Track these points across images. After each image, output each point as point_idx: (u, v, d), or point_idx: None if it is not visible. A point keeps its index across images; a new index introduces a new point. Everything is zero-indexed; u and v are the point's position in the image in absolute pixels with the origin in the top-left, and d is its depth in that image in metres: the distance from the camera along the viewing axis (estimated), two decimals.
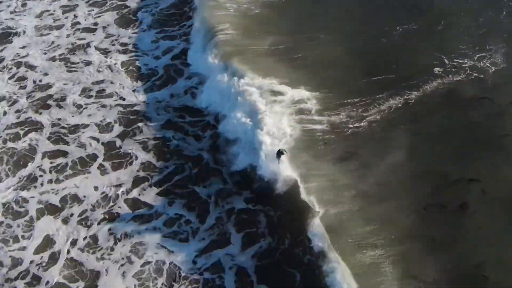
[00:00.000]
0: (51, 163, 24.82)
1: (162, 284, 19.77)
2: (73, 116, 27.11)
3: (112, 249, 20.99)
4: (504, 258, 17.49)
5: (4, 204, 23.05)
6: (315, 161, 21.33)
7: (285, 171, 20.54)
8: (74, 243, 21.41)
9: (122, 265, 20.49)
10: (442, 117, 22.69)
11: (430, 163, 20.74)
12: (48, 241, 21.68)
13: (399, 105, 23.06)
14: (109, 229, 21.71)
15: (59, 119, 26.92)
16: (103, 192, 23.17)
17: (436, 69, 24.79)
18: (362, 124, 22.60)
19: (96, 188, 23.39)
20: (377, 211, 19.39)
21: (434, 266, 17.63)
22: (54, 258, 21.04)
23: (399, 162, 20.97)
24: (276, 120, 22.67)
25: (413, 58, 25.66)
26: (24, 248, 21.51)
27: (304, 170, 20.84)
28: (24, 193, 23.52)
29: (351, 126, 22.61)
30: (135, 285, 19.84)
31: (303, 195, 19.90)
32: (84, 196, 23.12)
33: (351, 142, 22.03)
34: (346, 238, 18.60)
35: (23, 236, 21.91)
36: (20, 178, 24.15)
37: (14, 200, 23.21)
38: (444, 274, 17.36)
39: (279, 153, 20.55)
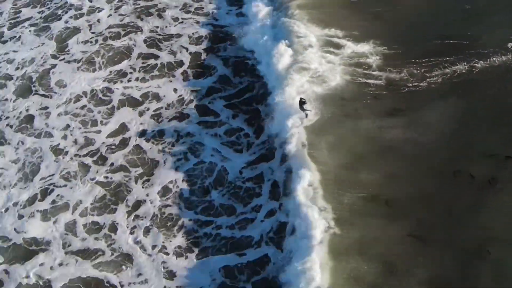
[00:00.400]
0: (142, 63, 25.21)
1: (209, 183, 19.81)
2: (169, 26, 27.09)
3: (173, 145, 21.21)
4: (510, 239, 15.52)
5: (91, 91, 23.77)
6: (355, 112, 19.86)
7: (292, 130, 19.38)
8: (143, 133, 21.84)
9: (178, 159, 20.68)
10: (501, 91, 19.94)
11: (474, 133, 18.51)
12: (122, 129, 22.28)
13: (463, 71, 20.68)
14: (176, 127, 21.83)
15: (157, 27, 27.13)
16: (180, 95, 23.31)
17: (510, 44, 21.78)
18: (421, 84, 20.54)
19: (175, 90, 23.57)
20: (402, 168, 17.76)
21: (440, 230, 16.01)
22: (123, 144, 21.62)
23: (444, 126, 18.90)
24: (320, 66, 21.40)
25: (491, 29, 22.57)
26: (99, 132, 22.25)
27: (331, 120, 19.62)
28: (111, 85, 24.13)
29: (409, 85, 20.58)
30: (184, 179, 19.95)
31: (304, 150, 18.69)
32: (164, 96, 23.39)
33: (403, 100, 20.07)
34: (350, 190, 17.33)
35: (101, 122, 22.63)
36: (111, 72, 24.78)
37: (101, 89, 23.79)
38: (447, 239, 15.73)
39: (301, 102, 19.34)
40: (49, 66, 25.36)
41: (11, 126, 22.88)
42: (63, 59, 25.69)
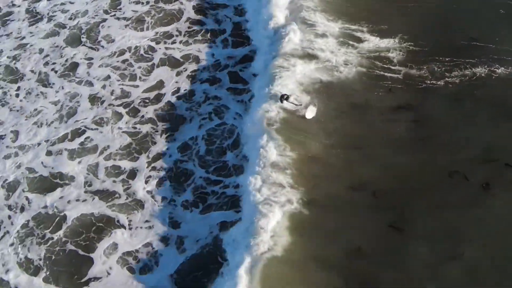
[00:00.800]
0: (188, 27, 25.03)
1: (227, 145, 19.59)
2: None
3: (200, 105, 21.10)
4: (488, 245, 14.48)
5: (135, 48, 23.84)
6: (364, 103, 18.73)
7: (259, 111, 18.77)
8: (176, 91, 21.79)
9: (203, 118, 20.61)
10: None
11: (478, 137, 17.21)
12: (158, 85, 22.30)
13: (482, 75, 19.01)
14: (206, 90, 21.71)
15: None
16: (217, 60, 23.05)
17: None
18: (438, 82, 19.07)
19: (213, 55, 23.32)
20: (399, 162, 16.75)
21: (422, 225, 15.09)
22: (156, 99, 21.68)
23: (451, 126, 17.67)
24: (333, 56, 20.27)
25: None
26: (136, 86, 22.36)
27: (334, 108, 18.73)
28: (155, 45, 24.11)
29: (427, 82, 19.16)
30: (203, 136, 19.94)
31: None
32: (202, 59, 23.20)
33: (417, 96, 18.74)
34: (336, 177, 16.60)
35: (140, 77, 22.71)
36: (157, 33, 24.78)
37: (144, 47, 23.84)
38: (427, 235, 14.84)
39: (283, 97, 18.21)
40: (100, 20, 25.68)
41: (55, 71, 23.41)
42: (114, 15, 25.91)
